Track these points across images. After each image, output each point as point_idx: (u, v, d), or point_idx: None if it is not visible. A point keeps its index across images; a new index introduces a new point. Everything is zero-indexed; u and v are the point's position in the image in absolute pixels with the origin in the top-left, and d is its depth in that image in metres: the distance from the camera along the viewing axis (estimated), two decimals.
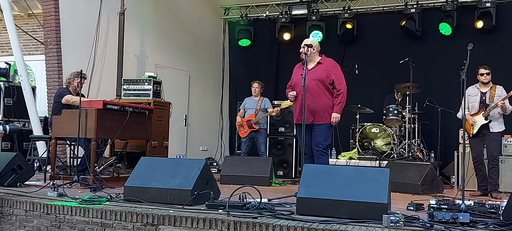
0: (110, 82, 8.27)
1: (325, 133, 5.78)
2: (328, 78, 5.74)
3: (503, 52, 8.47)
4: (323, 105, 5.72)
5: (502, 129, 6.57)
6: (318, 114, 5.72)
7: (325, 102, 5.73)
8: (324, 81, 5.72)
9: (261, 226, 3.70)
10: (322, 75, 5.74)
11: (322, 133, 5.76)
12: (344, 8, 9.77)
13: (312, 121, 5.70)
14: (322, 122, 5.73)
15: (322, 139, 5.75)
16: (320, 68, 5.81)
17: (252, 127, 8.25)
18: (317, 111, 5.71)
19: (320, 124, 5.74)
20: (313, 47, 5.81)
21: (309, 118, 5.65)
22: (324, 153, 5.76)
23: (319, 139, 5.75)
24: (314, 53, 5.84)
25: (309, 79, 5.64)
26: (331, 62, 5.91)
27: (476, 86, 6.66)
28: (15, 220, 4.72)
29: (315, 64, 5.85)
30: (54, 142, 6.14)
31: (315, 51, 5.86)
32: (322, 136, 5.75)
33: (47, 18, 7.90)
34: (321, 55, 5.94)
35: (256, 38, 10.61)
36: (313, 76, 5.72)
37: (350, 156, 8.45)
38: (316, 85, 5.71)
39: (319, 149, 5.74)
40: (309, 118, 5.66)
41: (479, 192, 6.59)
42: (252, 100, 8.46)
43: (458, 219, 3.72)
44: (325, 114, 5.73)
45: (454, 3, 8.78)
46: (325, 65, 5.84)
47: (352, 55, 9.37)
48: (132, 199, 4.58)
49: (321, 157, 5.73)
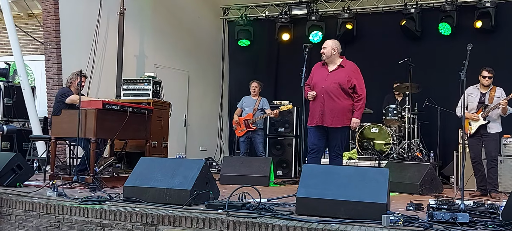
0: (109, 82, 8.27)
1: (342, 136, 5.76)
2: (349, 83, 5.63)
3: (503, 52, 8.47)
4: (342, 109, 5.63)
5: (500, 130, 6.58)
6: (337, 118, 5.62)
7: (344, 105, 5.63)
8: (345, 85, 5.62)
9: (260, 226, 3.70)
10: (343, 79, 5.62)
11: (340, 136, 5.72)
12: (344, 8, 9.77)
13: (330, 124, 5.63)
14: (340, 125, 5.66)
15: (339, 142, 5.73)
16: (342, 72, 5.68)
17: (249, 126, 8.23)
18: (336, 115, 5.62)
19: (339, 127, 5.66)
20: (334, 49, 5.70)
21: (327, 121, 5.60)
22: (339, 155, 5.75)
23: (336, 141, 5.71)
24: (335, 55, 5.72)
25: (329, 81, 5.59)
26: (352, 66, 5.78)
27: (476, 86, 6.65)
28: (15, 220, 4.72)
29: (336, 67, 5.72)
30: (53, 142, 6.15)
31: (336, 53, 5.73)
32: (339, 139, 5.72)
33: (47, 18, 7.90)
34: (342, 57, 5.81)
35: (256, 38, 10.60)
36: (334, 79, 5.63)
37: (350, 156, 8.45)
38: (336, 89, 5.61)
39: (336, 152, 5.73)
40: (327, 120, 5.59)
41: (478, 192, 6.59)
42: (250, 100, 8.45)
43: (458, 219, 3.73)
44: (344, 118, 5.64)
45: (454, 3, 8.78)
46: (346, 68, 5.71)
47: (352, 55, 9.29)
48: (131, 199, 4.58)
49: (336, 158, 5.73)
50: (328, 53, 5.71)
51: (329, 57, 5.73)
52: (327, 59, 5.73)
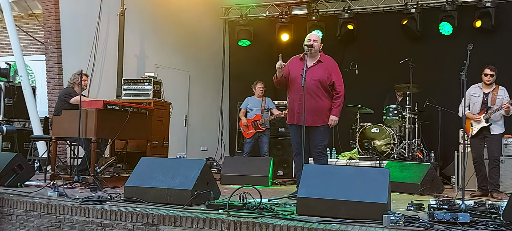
0: (110, 83, 8.27)
1: (323, 134, 5.61)
2: (329, 80, 5.50)
3: (504, 52, 8.47)
4: (322, 107, 5.51)
5: (502, 131, 6.57)
6: (317, 116, 5.50)
7: (324, 104, 5.53)
8: (324, 82, 5.48)
9: (261, 226, 3.70)
10: (323, 75, 5.49)
11: (321, 134, 5.58)
12: (344, 8, 9.77)
13: (310, 123, 5.46)
14: (320, 124, 5.54)
15: (321, 140, 5.59)
16: (321, 67, 5.53)
17: (258, 127, 8.21)
18: (316, 113, 5.49)
19: (319, 126, 5.55)
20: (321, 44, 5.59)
21: (307, 119, 5.34)
22: (323, 154, 5.63)
23: (317, 140, 5.58)
24: (318, 50, 5.58)
25: (308, 78, 5.33)
26: (331, 62, 5.64)
27: (479, 86, 6.62)
28: (16, 220, 4.72)
29: (315, 62, 5.56)
30: (54, 142, 6.15)
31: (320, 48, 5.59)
32: (320, 137, 5.58)
33: (47, 18, 7.90)
34: (321, 52, 5.64)
35: (256, 38, 10.60)
36: (313, 76, 5.44)
37: (350, 156, 8.45)
38: (315, 86, 5.46)
39: (318, 151, 5.60)
40: (308, 120, 5.34)
41: (479, 192, 6.59)
42: (255, 100, 8.41)
43: (458, 219, 3.72)
44: (323, 117, 5.54)
45: (454, 3, 8.77)
46: (325, 64, 5.56)
47: (352, 55, 9.37)
48: (132, 199, 4.58)
49: (320, 157, 5.60)
50: (317, 47, 5.56)
51: (317, 51, 5.56)
52: (314, 52, 5.54)
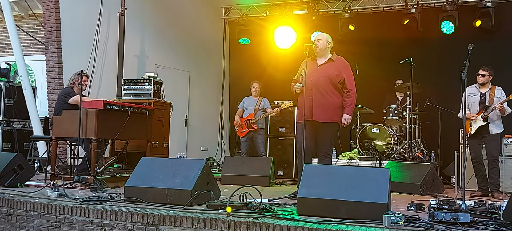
0: (110, 83, 8.27)
1: (331, 134, 5.62)
2: (339, 77, 5.55)
3: (503, 52, 8.47)
4: (332, 104, 5.54)
5: (501, 130, 6.58)
6: (326, 112, 5.51)
7: (334, 101, 5.55)
8: (334, 79, 5.53)
9: (261, 226, 3.70)
10: (333, 73, 5.54)
11: (329, 132, 5.59)
12: (344, 8, 9.76)
13: (319, 118, 5.48)
14: (330, 121, 5.55)
15: (328, 138, 5.59)
16: (332, 66, 5.60)
17: (250, 126, 8.23)
18: (325, 109, 5.50)
19: (329, 122, 5.54)
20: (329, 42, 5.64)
21: (317, 114, 5.45)
22: (328, 155, 5.62)
23: (325, 138, 5.58)
24: (327, 49, 5.64)
25: (318, 75, 5.48)
26: (342, 61, 5.71)
27: (475, 86, 6.67)
28: (16, 220, 4.72)
29: (326, 61, 5.66)
30: (54, 142, 6.15)
31: (328, 47, 5.64)
32: (328, 135, 5.59)
33: (48, 19, 7.90)
34: (333, 52, 5.73)
35: (256, 38, 10.60)
36: (323, 73, 5.54)
37: (351, 156, 8.45)
38: (325, 82, 5.52)
39: (324, 151, 5.59)
40: (317, 114, 5.44)
41: (479, 192, 6.59)
42: (251, 100, 8.44)
43: (459, 219, 3.72)
44: (332, 114, 5.55)
45: (455, 3, 8.76)
46: (336, 63, 5.63)
47: (352, 55, 9.33)
48: (132, 199, 4.58)
49: (325, 158, 5.60)
50: (322, 46, 5.62)
51: (322, 50, 5.62)
52: (320, 51, 5.62)
